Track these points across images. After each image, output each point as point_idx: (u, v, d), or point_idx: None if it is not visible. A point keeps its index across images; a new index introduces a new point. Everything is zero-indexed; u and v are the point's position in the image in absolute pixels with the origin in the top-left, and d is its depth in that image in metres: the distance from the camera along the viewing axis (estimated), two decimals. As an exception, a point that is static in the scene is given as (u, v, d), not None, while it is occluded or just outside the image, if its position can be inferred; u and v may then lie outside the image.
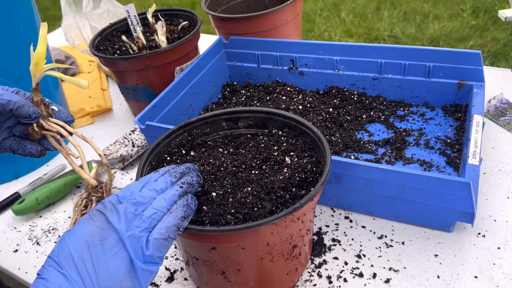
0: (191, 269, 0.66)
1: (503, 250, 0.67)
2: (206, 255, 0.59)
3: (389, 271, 0.67)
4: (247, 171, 0.65)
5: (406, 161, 0.82)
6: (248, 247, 0.57)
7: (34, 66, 0.60)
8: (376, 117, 0.94)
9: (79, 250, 0.47)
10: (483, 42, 2.45)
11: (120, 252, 0.48)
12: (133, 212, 0.50)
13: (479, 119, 0.77)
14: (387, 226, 0.74)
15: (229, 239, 0.55)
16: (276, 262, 0.60)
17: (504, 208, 0.74)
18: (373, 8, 2.94)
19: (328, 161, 0.59)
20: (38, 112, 0.62)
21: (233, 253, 0.58)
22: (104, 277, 0.46)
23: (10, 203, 0.91)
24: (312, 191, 0.55)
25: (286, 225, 0.55)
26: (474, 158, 0.69)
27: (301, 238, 0.61)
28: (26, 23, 0.92)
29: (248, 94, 1.05)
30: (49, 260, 0.48)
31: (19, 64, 0.92)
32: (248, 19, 1.07)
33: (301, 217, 0.57)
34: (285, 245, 0.59)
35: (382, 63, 0.95)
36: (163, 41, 1.05)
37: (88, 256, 0.47)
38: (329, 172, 0.58)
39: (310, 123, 0.67)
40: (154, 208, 0.51)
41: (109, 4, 1.28)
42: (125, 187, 0.53)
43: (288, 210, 0.53)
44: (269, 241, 0.57)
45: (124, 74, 1.03)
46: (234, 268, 0.60)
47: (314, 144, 0.66)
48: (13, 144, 0.65)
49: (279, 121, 0.71)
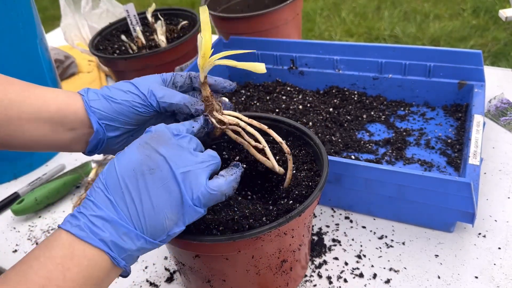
0: (181, 275, 0.66)
1: (503, 250, 0.67)
2: (191, 262, 0.59)
3: (390, 272, 0.67)
4: (249, 179, 0.64)
5: (406, 161, 0.82)
6: (232, 258, 0.55)
7: (202, 58, 0.53)
8: (377, 117, 0.94)
9: (127, 177, 0.46)
10: (483, 42, 2.44)
11: (170, 184, 0.47)
12: (189, 150, 0.49)
13: (479, 119, 0.77)
14: (387, 227, 0.74)
15: (211, 249, 0.54)
16: (263, 275, 0.59)
17: (504, 208, 0.73)
18: (374, 8, 2.94)
19: (324, 177, 0.57)
20: (200, 110, 0.57)
21: (217, 263, 0.57)
22: (148, 207, 0.46)
23: (9, 203, 0.91)
24: (300, 207, 0.53)
25: (271, 239, 0.54)
26: (475, 158, 0.69)
27: (292, 253, 0.60)
28: (25, 23, 0.92)
29: (248, 94, 1.05)
30: (98, 181, 0.47)
31: (18, 64, 0.92)
32: (248, 18, 1.07)
33: (288, 232, 0.55)
34: (272, 259, 0.58)
35: (383, 62, 0.94)
36: (162, 41, 1.05)
37: (135, 185, 0.46)
38: (322, 188, 0.56)
39: (313, 133, 0.65)
40: (211, 155, 0.51)
41: (108, 4, 1.28)
42: (176, 125, 0.53)
43: (272, 224, 0.51)
44: (253, 254, 0.56)
45: (123, 74, 1.03)
46: (219, 277, 0.59)
47: (316, 156, 0.64)
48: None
49: (284, 129, 0.69)
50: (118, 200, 0.46)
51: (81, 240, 0.44)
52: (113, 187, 0.46)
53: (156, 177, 0.47)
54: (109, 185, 0.46)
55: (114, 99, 0.55)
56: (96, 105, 0.55)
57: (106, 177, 0.47)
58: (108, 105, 0.55)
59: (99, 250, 0.44)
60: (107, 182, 0.47)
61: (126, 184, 0.46)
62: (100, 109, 0.55)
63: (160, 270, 0.73)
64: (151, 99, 0.55)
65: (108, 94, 0.56)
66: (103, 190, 0.46)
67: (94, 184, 0.47)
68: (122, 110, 0.55)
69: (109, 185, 0.46)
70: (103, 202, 0.46)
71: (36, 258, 0.43)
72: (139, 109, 0.55)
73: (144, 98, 0.55)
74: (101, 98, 0.55)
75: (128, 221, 0.46)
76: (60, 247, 0.44)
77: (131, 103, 0.55)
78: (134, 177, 0.46)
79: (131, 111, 0.55)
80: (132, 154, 0.48)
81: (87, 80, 1.30)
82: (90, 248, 0.44)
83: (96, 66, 1.38)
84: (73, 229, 0.44)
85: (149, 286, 0.71)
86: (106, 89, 0.56)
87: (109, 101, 0.55)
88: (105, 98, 0.55)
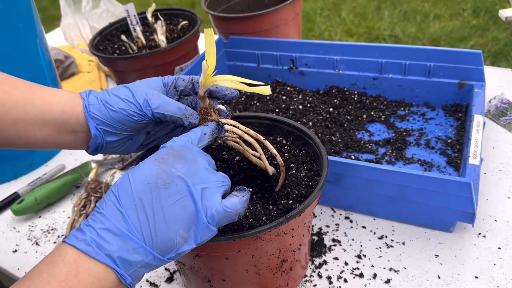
0: (181, 275, 0.66)
1: (503, 250, 0.67)
2: (191, 262, 0.59)
3: (390, 272, 0.67)
4: (249, 179, 0.64)
5: (406, 161, 0.82)
6: (232, 258, 0.55)
7: (205, 77, 0.55)
8: (377, 117, 0.94)
9: (141, 190, 0.45)
10: (483, 42, 2.44)
11: (185, 199, 0.46)
12: (205, 167, 0.49)
13: (479, 119, 0.77)
14: (387, 227, 0.74)
15: (213, 249, 0.54)
16: (263, 275, 0.59)
17: (504, 208, 0.73)
18: (374, 8, 2.94)
19: (324, 177, 0.58)
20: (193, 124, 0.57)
21: (217, 263, 0.57)
22: (161, 222, 0.45)
23: (9, 203, 0.91)
24: (300, 206, 0.53)
25: (271, 238, 0.54)
26: (475, 158, 0.69)
27: (292, 253, 0.60)
28: (25, 23, 0.92)
29: (248, 94, 1.05)
30: (110, 194, 0.46)
31: (18, 64, 0.92)
32: (248, 18, 1.07)
33: (288, 231, 0.56)
34: (272, 258, 0.58)
35: (383, 62, 0.94)
36: (162, 41, 1.05)
37: (149, 198, 0.45)
38: (321, 188, 0.56)
39: (313, 133, 0.66)
40: (224, 176, 0.50)
41: (109, 4, 1.28)
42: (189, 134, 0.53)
43: (272, 224, 0.51)
44: (253, 254, 0.56)
45: (123, 74, 1.03)
46: (219, 277, 0.59)
47: (316, 156, 0.64)
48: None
49: (284, 129, 0.69)
50: (130, 213, 0.45)
51: (86, 255, 0.43)
52: (126, 199, 0.45)
53: (171, 192, 0.46)
54: (121, 198, 0.45)
55: (111, 106, 0.55)
56: (95, 110, 0.55)
57: (119, 189, 0.46)
58: (106, 112, 0.55)
59: (105, 266, 0.43)
60: (119, 194, 0.46)
61: (140, 197, 0.45)
62: (98, 115, 0.55)
63: (160, 270, 0.73)
64: (146, 109, 0.55)
65: (106, 100, 0.55)
66: (115, 203, 0.45)
67: (105, 196, 0.47)
68: (119, 118, 0.55)
69: (122, 197, 0.45)
70: (113, 215, 0.45)
71: (39, 274, 0.43)
72: (134, 118, 0.55)
73: (140, 108, 0.55)
74: (100, 104, 0.55)
75: (138, 236, 0.44)
76: (65, 263, 0.43)
77: (127, 112, 0.55)
78: (148, 191, 0.46)
79: (127, 119, 0.55)
80: (148, 168, 0.47)
81: (87, 80, 1.30)
82: (95, 264, 0.43)
83: (96, 66, 1.38)
84: (78, 244, 0.43)
85: (149, 286, 0.71)
86: (106, 94, 0.56)
87: (107, 108, 0.55)
88: (103, 104, 0.55)
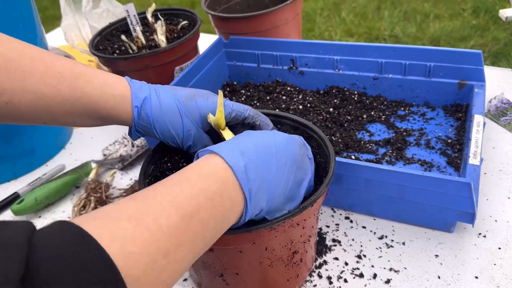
0: (191, 269, 0.66)
1: (503, 251, 0.67)
2: (204, 257, 0.59)
3: (390, 272, 0.67)
4: None
5: (406, 161, 0.82)
6: (246, 250, 0.56)
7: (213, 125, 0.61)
8: (377, 117, 0.94)
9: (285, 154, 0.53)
10: (483, 42, 2.44)
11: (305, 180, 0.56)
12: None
13: (480, 119, 0.77)
14: (387, 227, 0.74)
15: (227, 242, 0.54)
16: (276, 267, 0.59)
17: (505, 209, 0.73)
18: (374, 8, 2.94)
19: (332, 167, 0.58)
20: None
21: (230, 256, 0.57)
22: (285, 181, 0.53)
23: (9, 203, 0.91)
24: (313, 197, 0.54)
25: (284, 230, 0.55)
26: (475, 158, 0.69)
27: (302, 244, 0.60)
28: (25, 23, 0.92)
29: (248, 94, 1.05)
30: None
31: (18, 64, 0.92)
32: (248, 18, 1.07)
33: (301, 222, 0.56)
34: (284, 250, 0.58)
35: (383, 62, 0.94)
36: (162, 41, 1.05)
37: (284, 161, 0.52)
38: (331, 179, 0.57)
39: (316, 127, 0.66)
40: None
41: (109, 4, 1.27)
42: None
43: (287, 215, 0.53)
44: (267, 246, 0.56)
45: (123, 74, 1.02)
46: (232, 271, 0.59)
47: (320, 149, 0.65)
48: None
49: (287, 124, 0.69)
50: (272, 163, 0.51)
51: (236, 181, 0.47)
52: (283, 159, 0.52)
53: (301, 172, 0.55)
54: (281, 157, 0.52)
55: (157, 131, 0.59)
56: (141, 127, 0.60)
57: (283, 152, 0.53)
58: (150, 131, 0.60)
59: (243, 197, 0.47)
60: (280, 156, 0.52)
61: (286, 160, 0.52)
62: (142, 131, 0.60)
63: (160, 270, 0.73)
64: (185, 144, 0.61)
65: (155, 124, 0.59)
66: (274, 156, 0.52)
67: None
68: (159, 139, 0.61)
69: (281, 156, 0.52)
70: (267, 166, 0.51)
71: (190, 186, 0.44)
72: (172, 144, 0.61)
73: (180, 142, 0.61)
74: (147, 124, 0.59)
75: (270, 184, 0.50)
76: (215, 181, 0.45)
77: (167, 139, 0.61)
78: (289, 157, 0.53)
79: (165, 142, 0.62)
80: (294, 147, 0.54)
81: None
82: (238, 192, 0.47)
83: (96, 66, 1.38)
84: (236, 168, 0.47)
85: (149, 286, 0.71)
86: (159, 114, 0.59)
87: (153, 129, 0.59)
88: (152, 125, 0.59)
